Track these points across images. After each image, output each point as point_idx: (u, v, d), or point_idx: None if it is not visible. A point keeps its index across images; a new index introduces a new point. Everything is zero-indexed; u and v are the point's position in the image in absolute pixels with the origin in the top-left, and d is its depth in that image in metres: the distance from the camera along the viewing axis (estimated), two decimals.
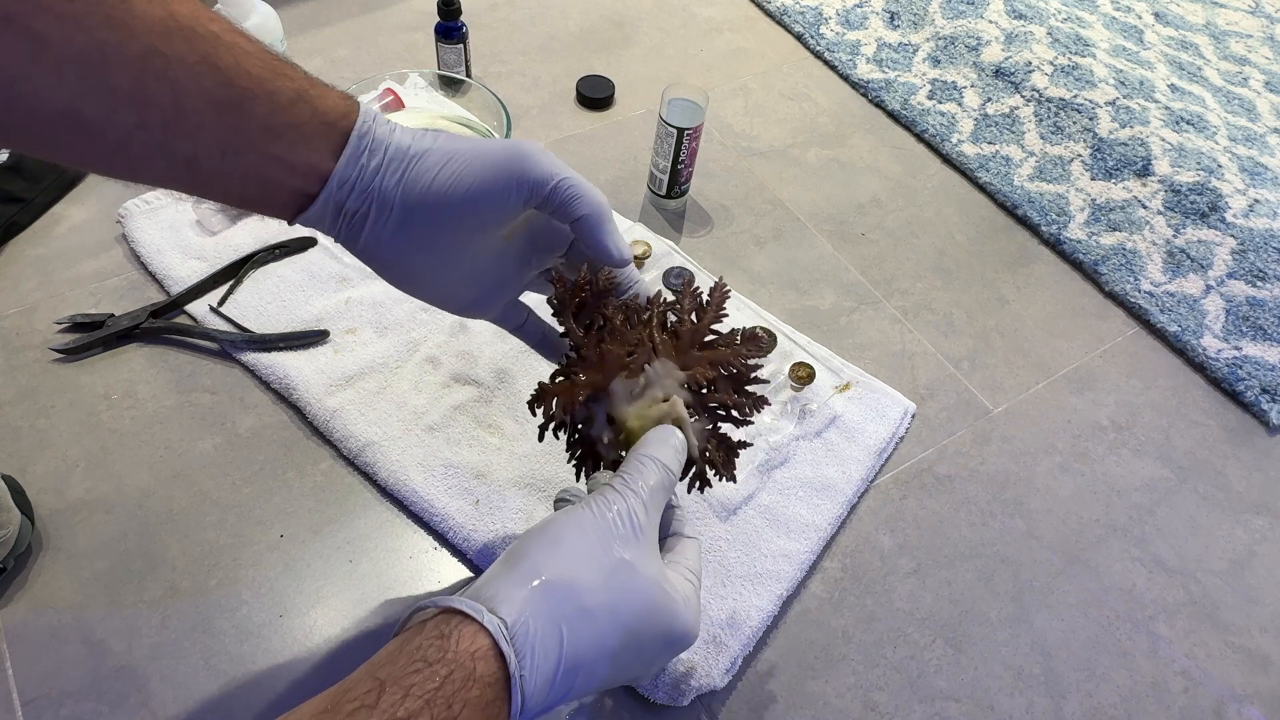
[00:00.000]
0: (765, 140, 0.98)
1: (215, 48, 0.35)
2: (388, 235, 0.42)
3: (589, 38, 1.08)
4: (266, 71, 0.37)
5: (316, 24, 1.03)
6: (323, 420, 0.67)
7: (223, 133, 0.36)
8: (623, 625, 0.38)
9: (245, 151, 0.37)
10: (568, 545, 0.38)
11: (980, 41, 1.06)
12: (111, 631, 0.57)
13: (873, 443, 0.70)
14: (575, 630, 0.36)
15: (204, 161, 0.37)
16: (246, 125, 0.37)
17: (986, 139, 0.99)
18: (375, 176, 0.41)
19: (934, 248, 0.89)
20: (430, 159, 0.41)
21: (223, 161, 0.37)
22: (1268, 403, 0.79)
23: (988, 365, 0.80)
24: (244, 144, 0.37)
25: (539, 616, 0.36)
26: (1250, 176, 0.93)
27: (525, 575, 0.37)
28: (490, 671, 0.33)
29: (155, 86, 0.34)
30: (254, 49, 0.37)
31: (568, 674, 0.36)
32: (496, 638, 0.34)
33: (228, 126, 0.36)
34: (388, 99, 0.85)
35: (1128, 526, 0.70)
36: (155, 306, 0.72)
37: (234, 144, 0.37)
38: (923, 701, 0.59)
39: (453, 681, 0.33)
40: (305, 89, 0.39)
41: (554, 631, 0.36)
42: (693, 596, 0.43)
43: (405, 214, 0.41)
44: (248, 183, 0.39)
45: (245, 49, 0.37)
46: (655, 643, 0.40)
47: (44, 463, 0.64)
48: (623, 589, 0.38)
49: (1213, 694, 0.62)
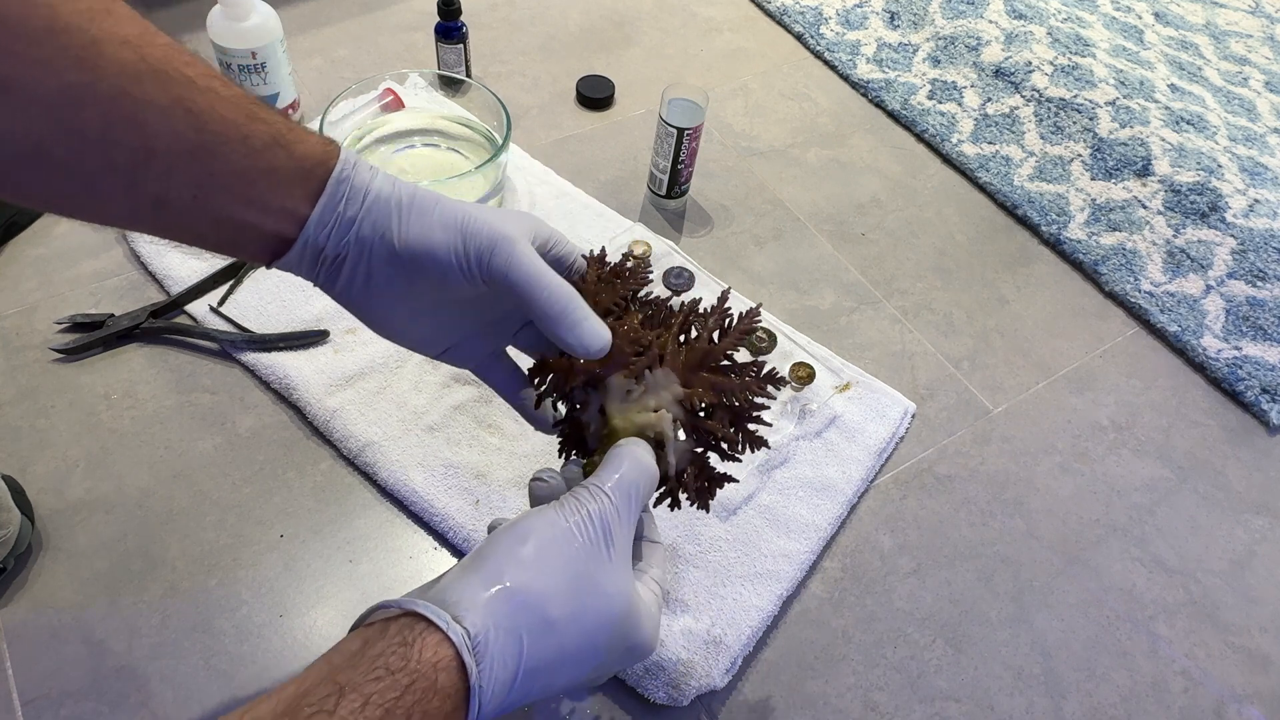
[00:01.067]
0: (765, 140, 0.98)
1: (189, 91, 0.35)
2: (365, 282, 0.42)
3: (589, 38, 1.08)
4: (242, 116, 0.37)
5: (316, 24, 1.03)
6: (323, 420, 0.67)
7: (194, 176, 0.36)
8: (585, 637, 0.38)
9: (218, 196, 0.37)
10: (535, 550, 0.38)
11: (980, 41, 1.06)
12: (111, 631, 0.57)
13: (873, 443, 0.70)
14: (536, 640, 0.36)
15: (175, 205, 0.36)
16: (219, 169, 0.36)
17: (986, 139, 0.99)
18: (353, 225, 0.40)
19: (934, 248, 0.89)
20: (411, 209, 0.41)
21: (194, 205, 0.37)
22: (1268, 403, 0.79)
23: (988, 365, 0.80)
24: (217, 188, 0.37)
25: (501, 626, 0.35)
26: (1250, 176, 0.93)
27: (490, 580, 0.36)
28: (452, 683, 0.33)
29: (124, 129, 0.34)
30: (230, 93, 0.37)
31: (525, 681, 0.36)
32: (460, 649, 0.34)
33: (200, 170, 0.36)
34: (388, 99, 0.85)
35: (1128, 526, 0.70)
36: (155, 306, 0.72)
37: (206, 188, 0.36)
38: (923, 701, 0.59)
39: (414, 692, 0.32)
40: (282, 133, 0.38)
41: (515, 641, 0.35)
42: (654, 607, 0.43)
43: (383, 262, 0.41)
44: (221, 227, 0.38)
45: (220, 93, 0.36)
46: (615, 652, 0.40)
47: (44, 463, 0.64)
48: (588, 600, 0.38)
49: (1213, 694, 0.62)
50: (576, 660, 0.38)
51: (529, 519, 0.39)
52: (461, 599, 0.35)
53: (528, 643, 0.36)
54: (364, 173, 0.41)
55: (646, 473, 0.42)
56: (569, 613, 0.37)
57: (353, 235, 0.40)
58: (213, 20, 0.80)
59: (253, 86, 0.83)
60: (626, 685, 0.57)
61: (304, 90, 0.94)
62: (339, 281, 0.42)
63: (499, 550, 0.38)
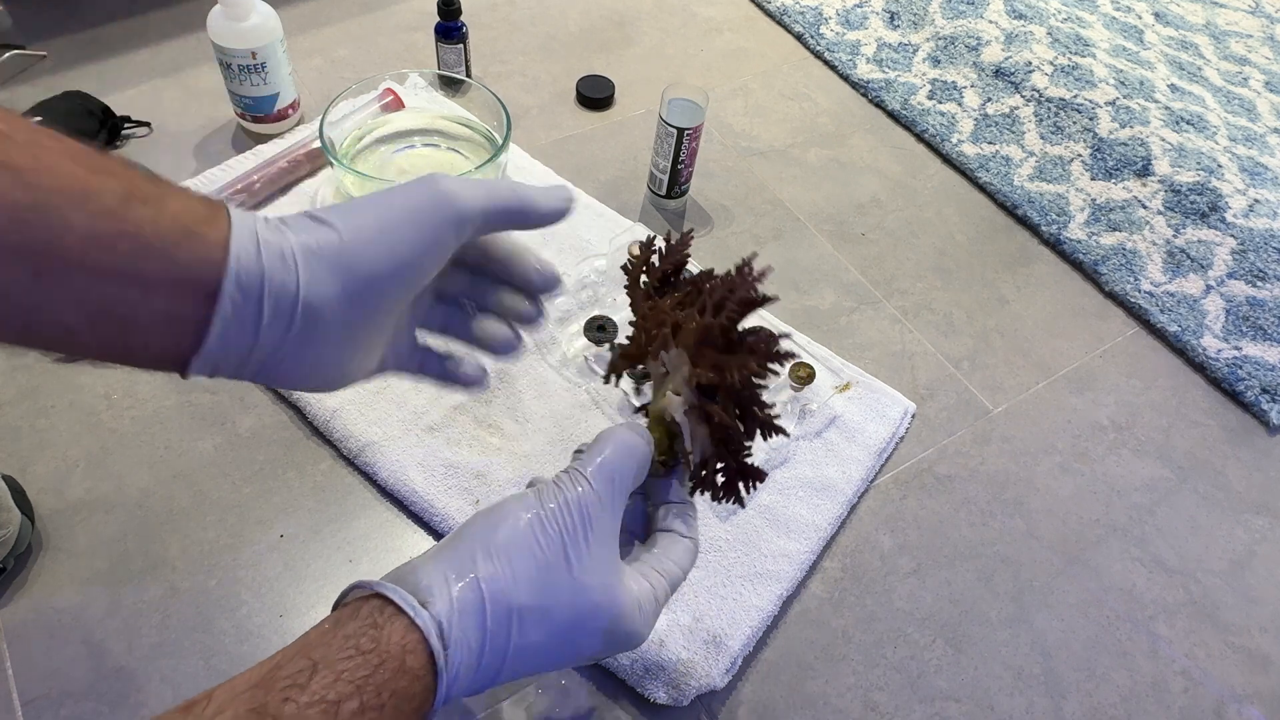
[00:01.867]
0: (765, 140, 0.98)
1: (4, 145, 0.28)
2: (317, 347, 0.34)
3: (589, 38, 1.07)
4: (79, 168, 0.29)
5: (316, 24, 1.03)
6: (323, 420, 0.67)
7: (26, 249, 0.28)
8: (555, 625, 0.38)
9: (67, 274, 0.29)
10: (506, 537, 0.38)
11: (980, 41, 1.06)
12: (111, 631, 0.57)
13: (873, 443, 0.70)
14: (502, 628, 0.36)
15: (11, 291, 0.28)
16: (61, 237, 0.28)
17: (986, 139, 0.99)
18: (291, 285, 0.32)
19: (934, 248, 0.89)
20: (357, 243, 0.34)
21: (37, 287, 0.28)
22: (1268, 403, 0.79)
23: (988, 365, 0.80)
24: (61, 265, 0.28)
25: (468, 613, 0.36)
26: (1250, 176, 0.93)
27: (459, 566, 0.37)
28: (420, 664, 0.34)
29: None
30: (60, 147, 0.29)
31: (493, 665, 0.36)
32: (427, 634, 0.34)
33: (31, 239, 0.28)
34: (388, 99, 0.85)
35: (1128, 526, 0.70)
36: None
37: (47, 264, 0.28)
38: (923, 701, 0.59)
39: (383, 671, 0.33)
40: (139, 186, 0.30)
41: (480, 628, 0.36)
42: (647, 599, 0.41)
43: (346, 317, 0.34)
44: (89, 315, 0.30)
45: (48, 145, 0.29)
46: (594, 641, 0.39)
47: (44, 463, 0.64)
48: (559, 590, 0.38)
49: (1213, 694, 0.62)
50: (548, 648, 0.38)
51: (505, 504, 0.39)
52: (432, 584, 0.36)
53: (493, 629, 0.36)
54: (268, 228, 0.33)
55: (633, 456, 0.41)
56: (537, 603, 0.37)
57: (291, 293, 0.32)
58: (213, 20, 0.80)
59: (253, 86, 0.83)
60: (626, 685, 0.57)
61: (304, 90, 0.94)
62: (282, 355, 0.34)
63: (472, 535, 0.38)
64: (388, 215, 0.35)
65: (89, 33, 0.98)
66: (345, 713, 0.32)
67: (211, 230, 0.31)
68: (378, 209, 0.35)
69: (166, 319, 0.31)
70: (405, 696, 0.34)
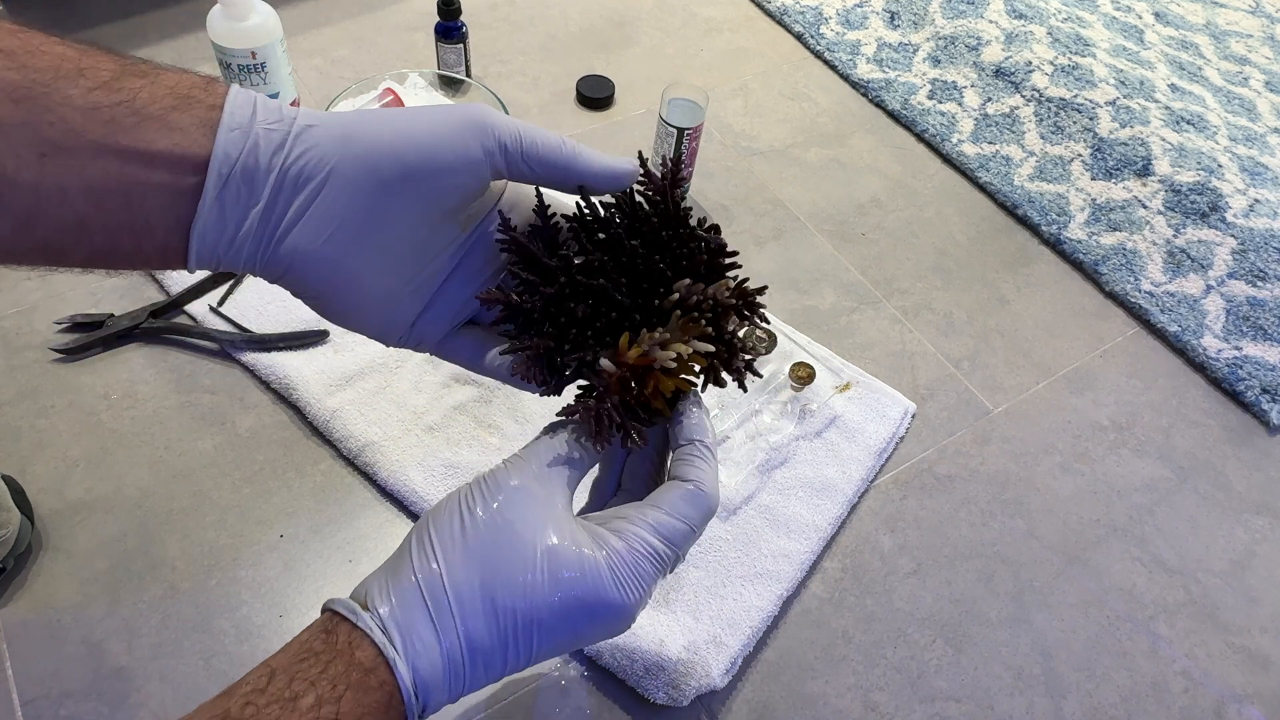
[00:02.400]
0: (765, 140, 0.98)
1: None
2: (319, 226, 0.32)
3: (589, 38, 1.07)
4: (71, 50, 0.29)
5: (316, 24, 1.03)
6: (323, 420, 0.67)
7: (27, 127, 0.27)
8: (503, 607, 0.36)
9: (72, 149, 0.28)
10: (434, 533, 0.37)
11: (980, 41, 1.06)
12: (111, 631, 0.57)
13: (873, 443, 0.70)
14: (445, 616, 0.35)
15: (18, 176, 0.28)
16: (59, 110, 0.28)
17: (987, 139, 0.99)
18: (286, 146, 0.31)
19: (934, 248, 0.89)
20: (366, 118, 0.33)
21: (43, 171, 0.28)
22: (1268, 403, 0.79)
23: (988, 365, 0.80)
24: (65, 138, 0.28)
25: (411, 606, 0.35)
26: (1250, 176, 0.93)
27: (398, 567, 0.37)
28: (369, 658, 0.34)
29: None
30: (45, 35, 0.29)
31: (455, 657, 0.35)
32: (369, 632, 0.35)
33: (32, 117, 0.27)
34: (388, 99, 0.85)
35: (1128, 526, 0.70)
36: (155, 306, 0.72)
37: (51, 140, 0.28)
38: (923, 701, 0.59)
39: (336, 665, 0.34)
40: (131, 65, 0.30)
41: (427, 620, 0.35)
42: (625, 559, 0.37)
43: (344, 188, 0.32)
44: (95, 196, 0.29)
45: (31, 34, 0.29)
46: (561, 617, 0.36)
47: (44, 463, 0.64)
48: (496, 567, 0.36)
49: (1213, 694, 0.62)
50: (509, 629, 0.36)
51: (439, 502, 0.40)
52: (371, 588, 0.37)
53: (438, 618, 0.35)
54: (270, 99, 0.32)
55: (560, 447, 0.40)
56: (477, 582, 0.36)
57: (294, 157, 0.31)
58: (213, 20, 0.80)
59: (253, 86, 0.83)
60: (626, 685, 0.57)
61: (304, 90, 0.94)
62: (283, 230, 0.32)
63: (408, 537, 0.38)
64: (405, 110, 0.34)
65: (89, 33, 0.97)
66: (303, 707, 0.33)
67: (208, 96, 0.31)
68: (397, 109, 0.34)
69: (170, 192, 0.30)
70: (362, 689, 0.34)
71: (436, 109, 0.35)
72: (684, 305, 0.39)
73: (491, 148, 0.35)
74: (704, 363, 0.40)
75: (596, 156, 0.37)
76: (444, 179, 0.34)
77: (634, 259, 0.39)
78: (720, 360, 0.40)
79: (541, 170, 0.36)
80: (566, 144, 0.37)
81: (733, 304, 0.39)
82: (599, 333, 0.40)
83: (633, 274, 0.40)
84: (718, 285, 0.39)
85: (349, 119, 0.33)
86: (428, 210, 0.35)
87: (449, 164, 0.34)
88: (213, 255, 0.33)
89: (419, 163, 0.33)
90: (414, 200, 0.34)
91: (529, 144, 0.36)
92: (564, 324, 0.39)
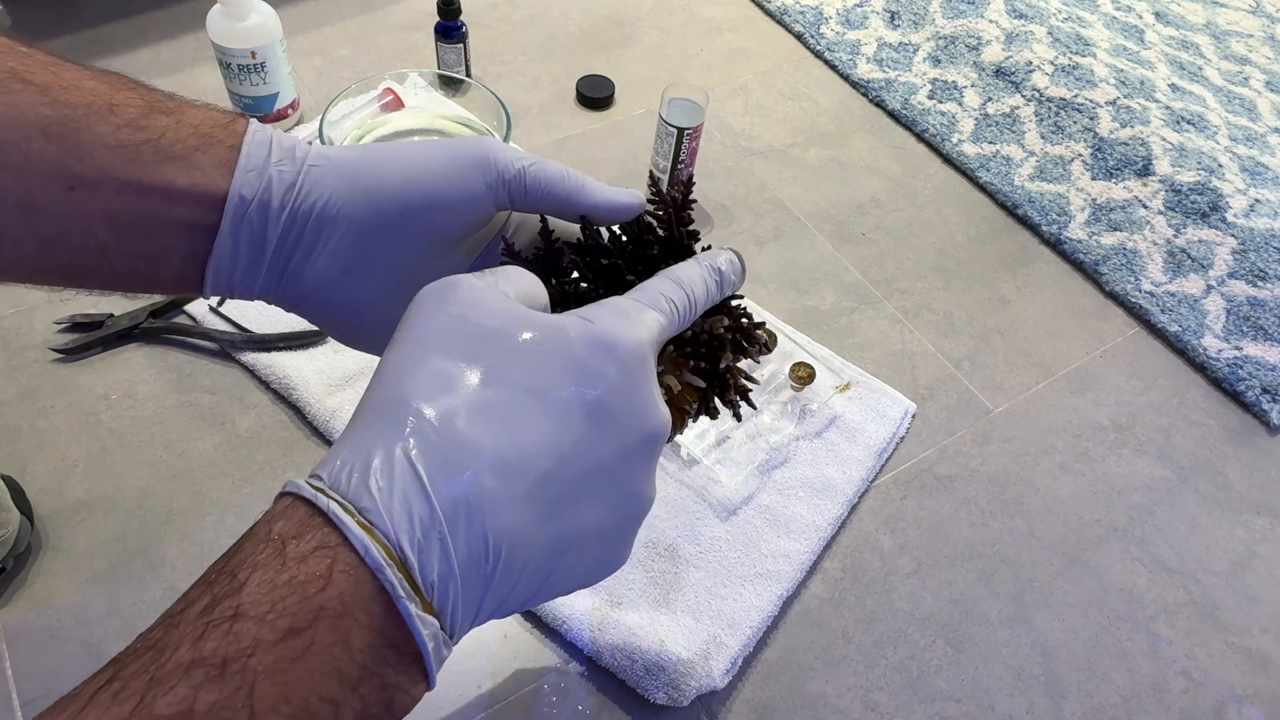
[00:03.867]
0: (765, 140, 0.98)
1: (26, 64, 0.29)
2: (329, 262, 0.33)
3: (589, 38, 1.07)
4: (102, 85, 0.31)
5: (316, 24, 1.03)
6: (323, 420, 0.67)
7: (59, 162, 0.29)
8: (532, 415, 0.27)
9: (98, 184, 0.30)
10: (403, 342, 0.28)
11: (980, 41, 1.06)
12: (111, 632, 0.57)
13: (873, 443, 0.70)
14: (427, 449, 0.25)
15: (46, 205, 0.29)
16: (88, 147, 0.29)
17: (987, 139, 0.99)
18: (298, 185, 0.32)
19: (934, 248, 0.89)
20: (371, 157, 0.34)
21: (70, 202, 0.29)
22: (1268, 403, 0.79)
23: (988, 365, 0.80)
24: (92, 174, 0.29)
25: (371, 445, 0.25)
26: (1251, 176, 0.93)
27: (363, 400, 0.28)
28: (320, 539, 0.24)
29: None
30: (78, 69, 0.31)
31: (469, 504, 0.25)
32: (324, 507, 0.24)
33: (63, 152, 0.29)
34: (387, 99, 0.85)
35: (1128, 526, 0.70)
36: (155, 306, 0.72)
37: (78, 175, 0.29)
38: (923, 702, 0.59)
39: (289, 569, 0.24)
40: (159, 102, 0.32)
41: (401, 460, 0.25)
42: (621, 314, 0.30)
43: (349, 227, 0.33)
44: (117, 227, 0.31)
45: (65, 67, 0.30)
46: (560, 375, 0.27)
47: (44, 463, 0.64)
48: (505, 371, 0.27)
49: (1213, 694, 0.62)
50: (545, 434, 0.27)
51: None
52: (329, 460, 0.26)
53: (420, 456, 0.25)
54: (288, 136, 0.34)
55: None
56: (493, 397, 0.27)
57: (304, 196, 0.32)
58: (212, 20, 0.80)
59: (252, 86, 0.83)
60: (626, 685, 0.57)
61: (304, 90, 0.94)
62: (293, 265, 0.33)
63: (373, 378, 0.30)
64: (409, 147, 0.35)
65: (89, 32, 0.98)
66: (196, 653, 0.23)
67: (228, 136, 0.32)
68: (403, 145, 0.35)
69: (188, 228, 0.32)
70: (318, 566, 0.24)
71: (441, 145, 0.35)
72: (679, 339, 0.38)
73: (494, 182, 0.35)
74: (695, 396, 0.39)
75: (601, 189, 0.37)
76: (446, 216, 0.35)
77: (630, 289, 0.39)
78: (712, 391, 0.40)
79: (545, 203, 0.36)
80: (570, 176, 0.37)
81: (728, 339, 0.39)
82: None
83: None
84: (713, 320, 0.38)
85: (356, 156, 0.34)
86: (431, 244, 0.35)
87: (451, 202, 0.34)
88: (227, 285, 0.34)
89: (421, 203, 0.34)
90: (418, 237, 0.34)
91: (532, 179, 0.36)
92: None
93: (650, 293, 0.32)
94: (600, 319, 0.29)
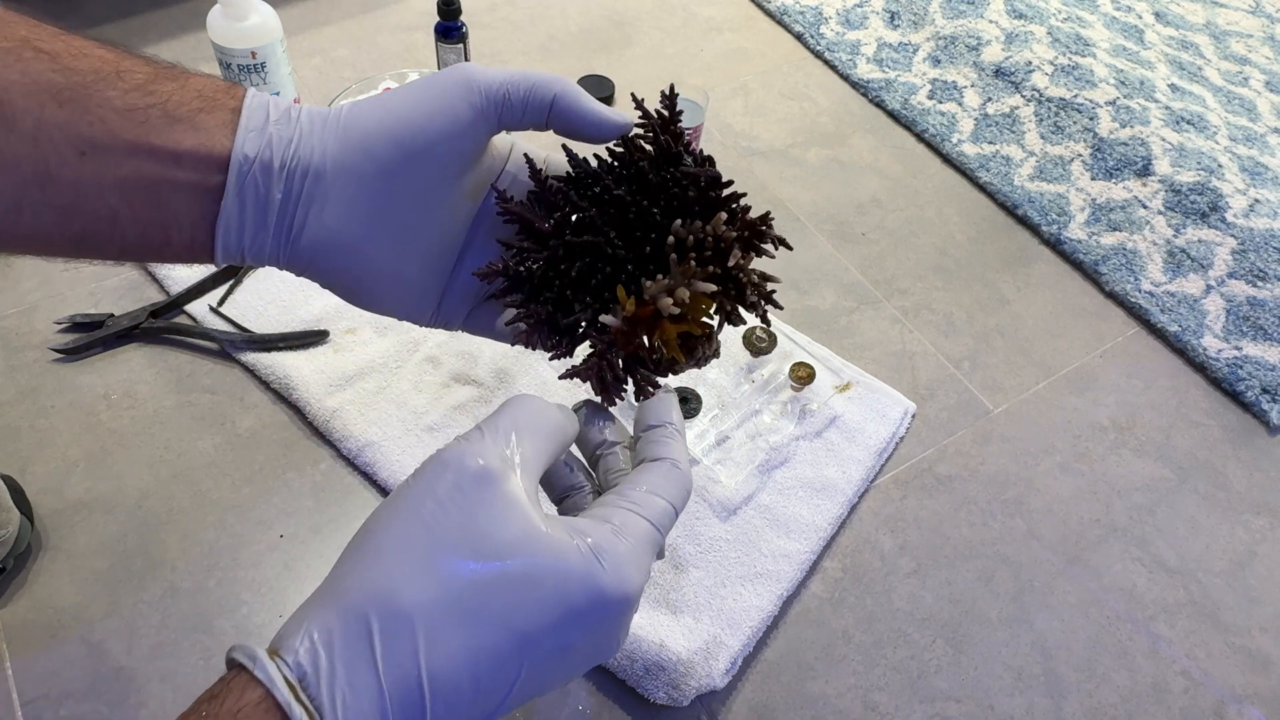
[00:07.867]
0: (765, 140, 0.98)
1: (36, 32, 0.30)
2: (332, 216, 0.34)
3: (589, 38, 1.07)
4: (109, 53, 0.32)
5: (316, 24, 1.03)
6: (322, 420, 0.67)
7: (70, 127, 0.30)
8: (466, 611, 0.29)
9: (109, 148, 0.30)
10: (370, 539, 0.30)
11: (980, 41, 1.06)
12: (111, 631, 0.57)
13: (873, 443, 0.70)
14: (394, 643, 0.28)
15: (59, 172, 0.30)
16: (98, 111, 0.30)
17: (987, 139, 0.99)
18: (293, 142, 0.33)
19: (934, 248, 0.89)
20: (360, 107, 0.34)
21: (81, 168, 0.30)
22: (1268, 403, 0.79)
23: (988, 365, 0.80)
24: (103, 137, 0.30)
25: (332, 640, 0.28)
26: (1251, 176, 0.93)
27: (325, 594, 0.30)
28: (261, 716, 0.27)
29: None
30: (85, 40, 0.32)
31: (410, 697, 0.28)
32: (269, 686, 0.27)
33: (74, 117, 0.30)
34: None
35: (1128, 526, 0.70)
36: (155, 306, 0.72)
37: (90, 139, 0.30)
38: (923, 702, 0.59)
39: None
40: (164, 69, 0.33)
41: (361, 653, 0.28)
42: (608, 542, 0.31)
43: (348, 177, 0.33)
44: (128, 192, 0.31)
45: (73, 37, 0.32)
46: (549, 618, 0.30)
47: (44, 463, 0.64)
48: (452, 575, 0.29)
49: (1213, 694, 0.62)
50: (490, 648, 0.29)
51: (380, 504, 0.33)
52: (288, 627, 0.29)
53: (382, 649, 0.28)
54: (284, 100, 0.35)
55: (540, 415, 0.34)
56: (436, 600, 0.28)
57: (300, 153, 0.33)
58: (212, 20, 0.80)
59: (252, 86, 0.83)
60: (626, 685, 0.57)
61: (304, 90, 0.94)
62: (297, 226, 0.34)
63: (343, 552, 0.32)
64: (393, 92, 0.35)
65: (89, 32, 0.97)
66: None
67: (230, 100, 0.33)
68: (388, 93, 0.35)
69: (195, 189, 0.32)
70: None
71: (422, 80, 0.35)
72: (681, 247, 0.37)
73: (479, 103, 0.35)
74: (711, 303, 0.38)
75: (589, 98, 0.37)
76: (439, 148, 0.34)
77: (624, 208, 0.38)
78: (729, 297, 0.38)
79: (534, 115, 0.36)
80: (556, 81, 0.36)
81: (734, 235, 0.38)
82: (597, 290, 0.38)
83: (625, 224, 0.39)
84: (714, 220, 0.37)
85: (346, 110, 0.35)
86: (431, 183, 0.35)
87: (441, 132, 0.34)
88: (238, 249, 0.34)
89: (412, 139, 0.34)
90: (416, 177, 0.34)
91: (515, 90, 0.35)
92: (560, 287, 0.38)
93: (654, 513, 0.34)
94: (609, 556, 0.31)
